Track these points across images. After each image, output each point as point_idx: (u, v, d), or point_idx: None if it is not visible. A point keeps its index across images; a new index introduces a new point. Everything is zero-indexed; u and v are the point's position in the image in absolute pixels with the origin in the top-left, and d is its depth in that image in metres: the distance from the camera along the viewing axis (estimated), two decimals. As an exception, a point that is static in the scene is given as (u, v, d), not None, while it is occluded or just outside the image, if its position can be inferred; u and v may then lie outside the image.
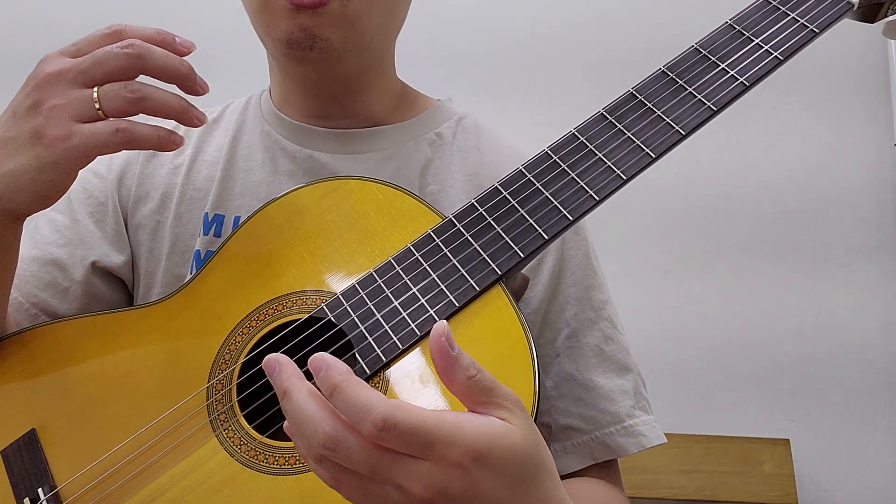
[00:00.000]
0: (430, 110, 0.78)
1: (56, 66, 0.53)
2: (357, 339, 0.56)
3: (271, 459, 0.54)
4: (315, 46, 0.65)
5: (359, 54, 0.69)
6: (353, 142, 0.74)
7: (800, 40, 0.61)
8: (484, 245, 0.58)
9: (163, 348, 0.61)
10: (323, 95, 0.74)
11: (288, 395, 0.41)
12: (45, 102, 0.53)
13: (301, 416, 0.40)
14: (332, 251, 0.61)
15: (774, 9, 0.62)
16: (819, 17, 0.61)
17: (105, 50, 0.53)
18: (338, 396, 0.39)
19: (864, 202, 1.48)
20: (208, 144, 0.77)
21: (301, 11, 0.64)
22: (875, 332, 1.44)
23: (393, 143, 0.74)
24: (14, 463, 0.58)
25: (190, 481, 0.54)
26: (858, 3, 0.61)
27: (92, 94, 0.52)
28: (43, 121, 0.53)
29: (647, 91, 0.61)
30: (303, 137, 0.74)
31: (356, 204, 0.63)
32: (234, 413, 0.56)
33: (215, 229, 0.72)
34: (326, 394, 0.40)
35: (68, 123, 0.52)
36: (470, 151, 0.75)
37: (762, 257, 1.48)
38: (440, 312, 0.56)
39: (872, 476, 1.39)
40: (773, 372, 1.44)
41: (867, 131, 1.49)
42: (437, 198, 0.71)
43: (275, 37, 0.66)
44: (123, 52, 0.52)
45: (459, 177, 0.73)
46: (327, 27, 0.65)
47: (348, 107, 0.74)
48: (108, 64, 0.52)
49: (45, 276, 0.70)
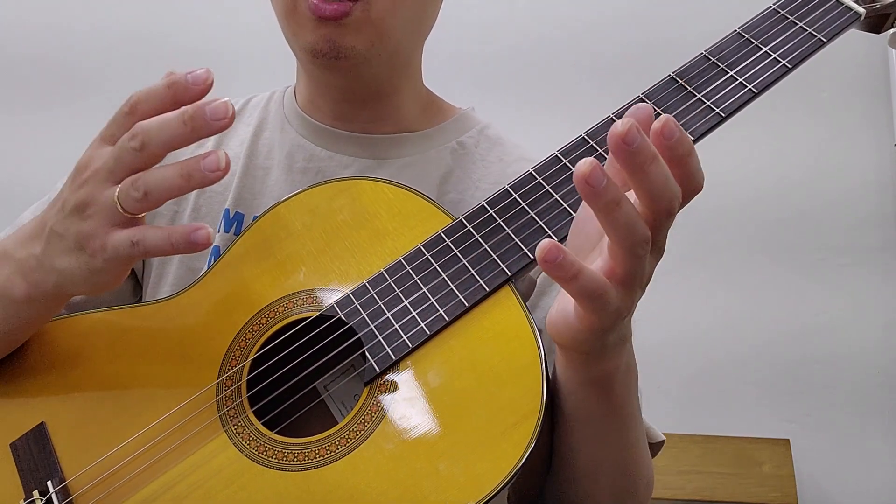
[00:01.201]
0: (454, 119, 0.78)
1: (96, 163, 0.53)
2: (367, 338, 0.57)
3: (280, 455, 0.54)
4: (341, 56, 0.66)
5: (387, 58, 0.70)
6: (376, 147, 0.75)
7: (808, 49, 0.61)
8: (494, 246, 0.58)
9: (173, 344, 0.61)
10: (351, 100, 0.74)
11: (620, 203, 0.42)
12: (88, 206, 0.52)
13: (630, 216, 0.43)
14: (342, 250, 0.62)
15: (783, 18, 0.63)
16: (827, 26, 0.62)
17: (122, 146, 0.51)
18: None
19: (863, 203, 1.49)
20: (230, 138, 0.77)
21: (324, 23, 0.64)
22: (875, 333, 1.45)
23: (415, 150, 0.75)
24: (23, 455, 0.58)
25: (198, 476, 0.54)
26: (865, 14, 0.62)
27: (114, 195, 0.51)
28: (86, 228, 0.52)
29: (656, 96, 0.62)
30: (325, 140, 0.75)
31: (367, 204, 0.64)
32: (244, 409, 0.57)
33: (236, 228, 0.72)
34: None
35: (103, 233, 0.52)
36: (492, 162, 0.75)
37: (762, 257, 1.49)
38: (449, 312, 0.56)
39: (872, 476, 1.40)
40: (773, 372, 1.45)
41: (867, 132, 1.49)
42: (457, 207, 0.71)
43: (301, 46, 0.67)
44: (130, 146, 0.51)
45: (481, 186, 0.73)
46: (352, 35, 0.65)
47: (376, 111, 0.75)
48: (125, 161, 0.51)
49: None
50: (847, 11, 0.62)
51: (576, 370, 0.53)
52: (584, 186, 0.42)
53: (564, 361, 0.54)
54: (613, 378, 0.54)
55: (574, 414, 0.56)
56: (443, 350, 0.56)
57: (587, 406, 0.55)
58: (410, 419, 0.53)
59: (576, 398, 0.55)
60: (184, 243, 0.50)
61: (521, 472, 0.50)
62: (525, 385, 0.53)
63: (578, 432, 0.57)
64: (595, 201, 0.42)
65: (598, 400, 0.55)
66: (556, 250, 0.42)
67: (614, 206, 0.42)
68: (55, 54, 1.67)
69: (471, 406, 0.53)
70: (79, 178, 0.54)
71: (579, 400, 0.55)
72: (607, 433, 0.57)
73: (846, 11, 0.62)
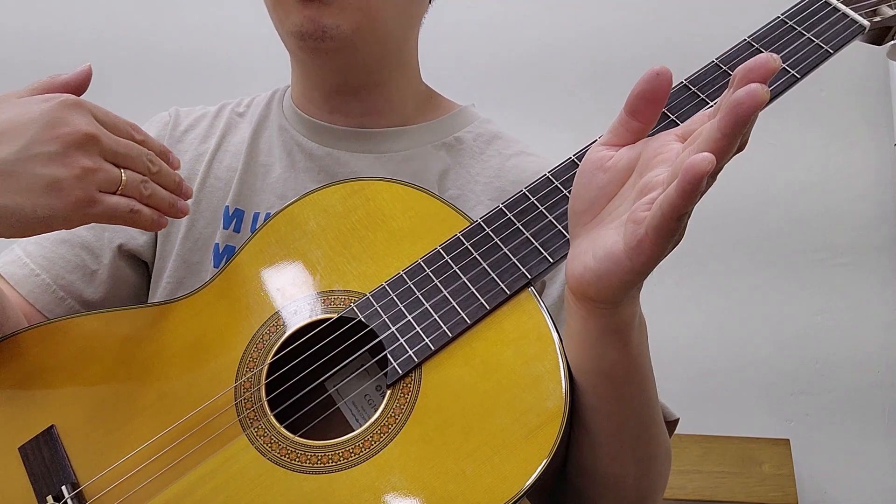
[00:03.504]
0: (453, 114, 0.78)
1: (93, 130, 0.54)
2: (388, 341, 0.57)
3: (304, 458, 0.54)
4: (326, 36, 0.66)
5: (376, 44, 0.70)
6: (373, 141, 0.75)
7: (815, 59, 0.63)
8: (513, 249, 0.59)
9: (187, 346, 0.60)
10: (343, 91, 0.74)
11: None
12: (76, 161, 0.53)
13: None
14: (359, 251, 0.62)
15: (791, 28, 0.65)
16: (833, 38, 0.64)
17: (138, 151, 0.58)
18: None
19: (863, 202, 1.49)
20: (233, 135, 0.77)
21: (309, 3, 0.65)
22: (875, 333, 1.46)
23: (412, 144, 0.75)
24: (33, 460, 0.57)
25: (220, 480, 0.54)
26: (869, 27, 0.64)
27: (121, 175, 0.56)
28: (70, 179, 0.53)
29: (670, 103, 0.63)
30: (322, 136, 0.75)
31: (382, 205, 0.64)
32: (265, 412, 0.56)
33: (235, 224, 0.72)
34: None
35: (93, 190, 0.54)
36: (491, 156, 0.76)
37: (762, 257, 1.49)
38: (471, 315, 0.57)
39: (872, 476, 1.41)
40: (773, 372, 1.45)
41: (867, 132, 1.50)
42: (457, 202, 0.72)
43: (287, 30, 0.67)
44: (147, 162, 0.59)
45: (480, 180, 0.74)
46: (336, 15, 0.65)
47: (370, 103, 0.74)
48: (136, 162, 0.58)
49: (73, 258, 0.71)
50: (852, 24, 0.64)
51: (598, 319, 0.52)
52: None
53: (585, 314, 0.53)
54: (631, 325, 0.54)
55: (594, 368, 0.55)
56: (465, 353, 0.56)
57: (608, 358, 0.54)
58: (435, 422, 0.54)
59: (595, 351, 0.54)
60: (165, 225, 0.60)
61: (546, 473, 0.51)
62: (548, 387, 0.54)
63: (600, 388, 0.56)
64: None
65: (618, 350, 0.54)
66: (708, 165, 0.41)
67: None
68: (53, 59, 1.62)
69: (494, 408, 0.53)
70: (64, 130, 0.53)
71: (599, 353, 0.54)
72: (627, 385, 0.56)
73: (851, 24, 0.64)
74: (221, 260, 0.71)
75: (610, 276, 0.49)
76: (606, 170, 0.52)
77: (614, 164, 0.52)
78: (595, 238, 0.51)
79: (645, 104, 0.50)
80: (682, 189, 0.42)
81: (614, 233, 0.49)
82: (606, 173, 0.52)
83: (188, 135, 0.78)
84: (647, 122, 0.52)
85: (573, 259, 0.52)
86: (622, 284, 0.49)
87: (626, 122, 0.52)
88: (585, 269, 0.50)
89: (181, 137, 0.78)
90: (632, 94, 0.50)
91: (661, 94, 0.49)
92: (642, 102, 0.50)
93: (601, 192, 0.52)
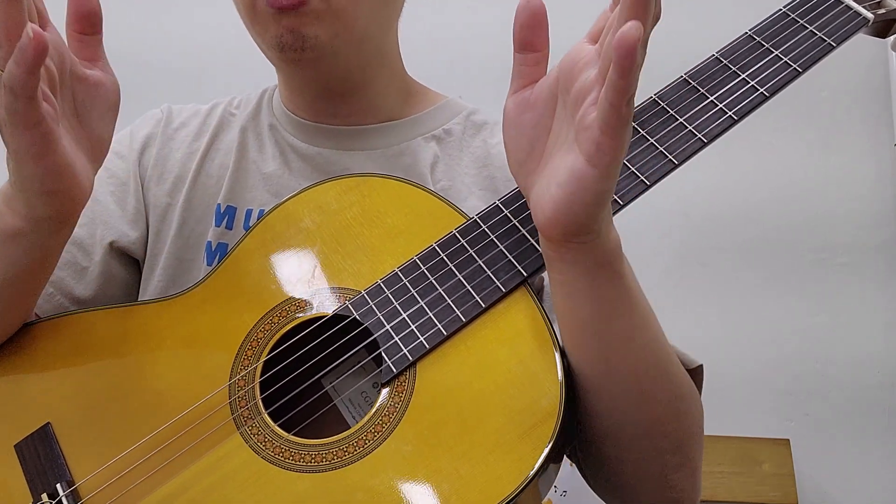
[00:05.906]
0: (439, 106, 0.78)
1: None
2: (383, 339, 0.57)
3: (298, 457, 0.54)
4: (306, 46, 0.65)
5: (356, 48, 0.69)
6: (361, 138, 0.74)
7: (818, 53, 0.62)
8: (510, 247, 0.58)
9: (182, 344, 0.60)
10: (328, 96, 0.73)
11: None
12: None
13: None
14: (355, 248, 0.61)
15: (793, 21, 0.64)
16: (836, 31, 0.62)
17: None
18: None
19: (863, 203, 1.49)
20: (225, 133, 0.77)
21: (284, 14, 0.64)
22: (875, 333, 1.45)
23: (402, 138, 0.74)
24: (29, 457, 0.57)
25: (214, 479, 0.54)
26: (873, 19, 0.63)
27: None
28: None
29: (669, 98, 0.62)
30: (312, 136, 0.74)
31: (378, 201, 0.63)
32: (259, 410, 0.56)
33: (227, 221, 0.72)
34: None
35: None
36: (477, 146, 0.75)
37: (762, 257, 1.48)
38: (466, 313, 0.56)
39: (873, 476, 1.41)
40: (773, 372, 1.45)
41: (867, 132, 1.49)
42: (447, 194, 0.71)
43: (267, 43, 0.67)
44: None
45: (469, 171, 0.73)
46: (314, 24, 0.64)
47: (354, 104, 0.74)
48: None
49: (64, 254, 0.70)
50: (856, 17, 0.63)
51: (586, 256, 0.51)
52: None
53: (571, 258, 0.52)
54: (618, 255, 0.53)
55: (595, 313, 0.53)
56: (460, 351, 0.56)
57: (606, 297, 0.53)
58: (429, 420, 0.53)
59: (592, 294, 0.53)
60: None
61: (542, 474, 0.50)
62: (543, 387, 0.53)
63: (606, 336, 0.54)
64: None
65: (614, 285, 0.53)
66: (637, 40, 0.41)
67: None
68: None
69: (489, 408, 0.53)
70: None
71: (597, 295, 0.53)
72: (630, 321, 0.55)
73: (855, 16, 0.63)
74: (214, 258, 0.71)
75: (581, 194, 0.48)
76: (531, 106, 0.52)
77: (537, 97, 0.52)
78: (551, 170, 0.50)
79: (531, 31, 0.51)
80: (621, 67, 0.41)
81: (568, 154, 0.48)
82: (534, 109, 0.52)
83: (180, 132, 0.77)
84: (541, 48, 0.52)
85: (538, 202, 0.51)
86: (595, 198, 0.48)
87: (524, 59, 0.52)
88: (554, 202, 0.49)
89: (173, 135, 0.77)
90: (515, 32, 0.51)
91: (539, 16, 0.50)
92: (528, 31, 0.51)
93: (535, 130, 0.52)
